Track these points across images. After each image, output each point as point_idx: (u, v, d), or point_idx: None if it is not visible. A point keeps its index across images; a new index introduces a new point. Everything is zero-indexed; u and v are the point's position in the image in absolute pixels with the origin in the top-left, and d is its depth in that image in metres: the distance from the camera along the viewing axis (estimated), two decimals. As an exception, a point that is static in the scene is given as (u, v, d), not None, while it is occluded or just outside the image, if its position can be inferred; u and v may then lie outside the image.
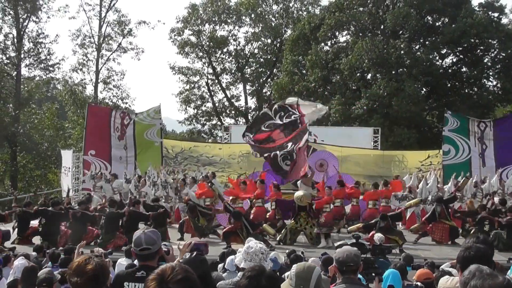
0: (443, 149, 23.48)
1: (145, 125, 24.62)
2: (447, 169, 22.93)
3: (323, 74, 37.78)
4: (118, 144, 24.16)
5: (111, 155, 24.10)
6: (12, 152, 39.10)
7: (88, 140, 24.19)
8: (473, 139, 23.12)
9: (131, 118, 24.71)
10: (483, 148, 23.06)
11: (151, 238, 4.69)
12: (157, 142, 24.70)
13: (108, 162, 23.94)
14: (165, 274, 2.69)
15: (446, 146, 23.40)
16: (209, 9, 47.76)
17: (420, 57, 35.53)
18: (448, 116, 23.88)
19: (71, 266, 3.70)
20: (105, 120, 24.36)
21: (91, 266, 3.61)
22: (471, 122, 23.53)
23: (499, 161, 22.80)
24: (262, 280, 3.43)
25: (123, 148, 24.32)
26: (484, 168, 22.90)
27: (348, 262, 4.64)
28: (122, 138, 24.20)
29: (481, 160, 23.14)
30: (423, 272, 7.33)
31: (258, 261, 4.95)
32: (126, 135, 24.33)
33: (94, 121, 24.55)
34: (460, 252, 4.04)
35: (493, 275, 3.00)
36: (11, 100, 39.87)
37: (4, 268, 9.37)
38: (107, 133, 24.11)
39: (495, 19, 36.97)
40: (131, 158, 24.27)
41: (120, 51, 44.32)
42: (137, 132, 24.43)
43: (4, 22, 39.71)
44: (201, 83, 50.38)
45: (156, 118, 24.98)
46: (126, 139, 24.30)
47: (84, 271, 3.58)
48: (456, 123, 23.36)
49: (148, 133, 24.48)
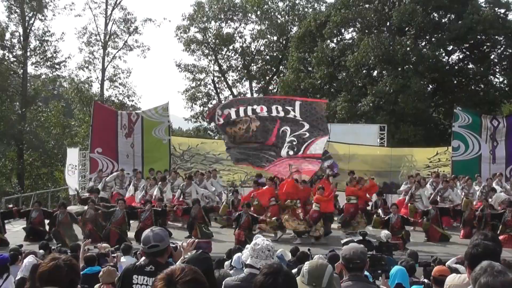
0: (453, 145, 23.28)
1: (153, 122, 24.56)
2: (456, 165, 22.83)
3: (329, 71, 37.74)
4: (125, 142, 24.12)
5: (118, 152, 24.07)
6: (19, 150, 39.26)
7: (95, 138, 24.16)
8: (484, 135, 22.91)
9: (138, 114, 24.69)
10: (494, 145, 22.87)
11: (159, 236, 4.75)
12: (165, 140, 24.65)
13: (115, 160, 23.92)
14: (174, 274, 2.69)
15: (456, 142, 23.21)
16: (215, 6, 47.75)
17: (426, 54, 35.40)
18: (458, 112, 23.67)
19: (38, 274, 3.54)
20: (111, 117, 24.34)
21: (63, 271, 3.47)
22: (484, 119, 23.31)
23: (510, 158, 22.71)
24: (279, 278, 3.41)
25: (130, 146, 24.29)
26: (494, 165, 22.76)
27: (355, 259, 4.64)
28: (130, 135, 24.16)
29: (492, 157, 22.97)
30: (440, 268, 7.31)
31: (265, 258, 4.95)
32: (133, 132, 24.28)
33: (100, 119, 24.52)
34: (468, 249, 4.03)
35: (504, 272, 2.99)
36: (17, 98, 40.06)
37: (11, 267, 9.38)
38: (114, 130, 24.08)
39: (501, 15, 36.79)
40: (138, 157, 24.25)
41: (126, 49, 44.45)
42: (145, 129, 24.38)
43: (11, 20, 39.96)
44: (207, 81, 50.48)
45: (164, 116, 24.95)
46: (134, 137, 24.26)
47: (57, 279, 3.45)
48: (467, 119, 23.14)
49: (156, 131, 24.44)
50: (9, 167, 40.41)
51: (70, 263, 3.53)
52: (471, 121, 23.00)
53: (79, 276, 3.68)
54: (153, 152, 24.19)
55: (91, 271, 8.89)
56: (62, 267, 3.46)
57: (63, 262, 3.50)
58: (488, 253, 3.83)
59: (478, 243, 3.99)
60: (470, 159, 22.95)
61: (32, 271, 7.86)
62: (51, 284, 3.42)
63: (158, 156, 24.07)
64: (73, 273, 3.52)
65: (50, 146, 40.36)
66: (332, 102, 36.62)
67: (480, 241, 4.01)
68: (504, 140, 22.86)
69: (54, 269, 3.46)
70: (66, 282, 3.45)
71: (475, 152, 22.99)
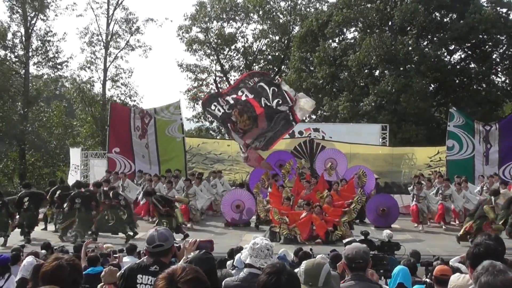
0: (447, 144, 23.29)
1: (165, 121, 24.51)
2: (451, 164, 22.87)
3: (331, 70, 37.70)
4: (139, 143, 24.07)
5: (134, 153, 24.06)
6: (21, 150, 39.25)
7: (112, 138, 24.17)
8: (477, 137, 22.98)
9: (151, 116, 24.65)
10: (488, 148, 22.91)
11: (164, 235, 4.78)
12: (179, 138, 24.56)
13: (132, 160, 23.91)
14: (176, 274, 2.71)
15: (450, 142, 23.24)
16: (217, 6, 47.72)
17: (428, 53, 35.38)
18: (453, 111, 23.79)
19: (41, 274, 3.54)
20: (125, 119, 24.32)
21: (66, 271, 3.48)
22: (476, 124, 23.38)
23: (502, 159, 22.75)
24: (282, 277, 3.41)
25: (145, 147, 24.25)
26: (487, 166, 22.83)
27: (357, 259, 4.65)
28: (144, 136, 24.09)
29: (485, 159, 23.02)
30: (442, 268, 7.32)
31: (264, 257, 4.96)
32: (147, 133, 24.23)
33: (116, 119, 24.43)
34: (470, 248, 4.05)
35: (504, 271, 2.99)
36: (19, 98, 40.04)
37: (13, 267, 9.40)
38: (128, 131, 24.03)
39: (503, 14, 36.77)
40: (154, 157, 24.21)
41: (128, 49, 44.33)
42: (158, 129, 24.33)
43: (12, 21, 39.88)
44: (209, 81, 50.40)
45: (176, 114, 24.98)
46: (148, 138, 24.19)
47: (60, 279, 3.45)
48: (461, 120, 23.24)
49: (169, 130, 24.37)
50: (11, 167, 40.40)
51: (73, 263, 3.54)
52: (464, 122, 23.05)
53: (81, 276, 3.69)
54: (168, 151, 24.19)
55: (93, 271, 8.90)
56: (65, 267, 3.46)
57: (66, 262, 3.50)
58: (490, 253, 3.84)
59: (480, 243, 4.01)
60: (464, 159, 22.98)
61: (34, 271, 7.88)
62: (54, 284, 3.41)
63: (173, 155, 24.08)
64: (76, 273, 3.52)
65: (52, 146, 40.32)
66: (334, 101, 36.64)
67: (482, 240, 4.03)
68: (498, 142, 22.88)
69: (56, 269, 3.46)
70: (69, 282, 3.45)
71: (469, 152, 23.02)
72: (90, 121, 40.46)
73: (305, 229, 16.63)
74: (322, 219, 16.65)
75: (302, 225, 16.66)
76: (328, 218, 16.85)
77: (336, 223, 16.67)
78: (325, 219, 16.75)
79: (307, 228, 16.67)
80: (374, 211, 19.41)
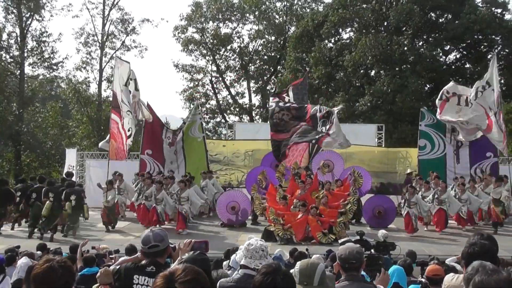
0: (419, 143, 23.27)
1: (189, 124, 24.52)
2: (423, 164, 22.88)
3: (327, 71, 37.75)
4: (169, 150, 23.87)
5: (164, 158, 23.91)
6: (16, 151, 39.20)
7: (146, 140, 23.99)
8: (449, 135, 22.99)
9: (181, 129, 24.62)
10: (459, 146, 22.93)
11: (159, 236, 4.77)
12: (200, 137, 24.40)
13: (162, 164, 23.77)
14: (175, 273, 2.71)
15: (422, 141, 23.21)
16: (213, 6, 47.78)
17: (423, 54, 35.47)
18: (424, 111, 23.91)
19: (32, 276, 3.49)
20: (158, 126, 24.06)
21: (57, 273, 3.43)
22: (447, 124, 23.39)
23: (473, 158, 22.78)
24: (278, 278, 3.41)
25: (174, 153, 24.09)
26: (458, 165, 22.83)
27: (351, 259, 4.64)
28: (173, 144, 23.95)
29: (456, 157, 23.02)
30: (433, 268, 7.33)
31: (259, 258, 4.96)
32: (176, 141, 24.05)
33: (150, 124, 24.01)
34: (464, 248, 4.04)
35: (497, 270, 3.00)
36: (15, 99, 39.98)
37: (8, 268, 9.36)
38: (160, 137, 23.86)
39: (498, 15, 36.91)
40: (181, 161, 24.10)
41: (123, 49, 44.41)
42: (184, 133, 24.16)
43: (7, 21, 39.91)
44: (205, 81, 50.50)
45: (196, 114, 25.13)
46: (176, 145, 24.01)
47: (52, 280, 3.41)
48: (432, 119, 23.23)
49: (191, 131, 24.29)
50: (7, 168, 40.33)
51: (65, 265, 3.48)
52: (435, 121, 23.02)
53: (73, 278, 3.65)
54: (192, 154, 24.01)
55: (89, 272, 8.87)
56: (56, 269, 3.42)
57: (58, 264, 3.46)
58: (485, 252, 3.85)
59: (474, 242, 4.01)
60: (435, 158, 22.98)
61: (28, 272, 7.86)
62: (46, 286, 3.39)
63: (197, 157, 23.92)
64: (68, 275, 3.47)
65: (48, 147, 40.29)
66: (330, 102, 36.63)
67: (476, 240, 4.03)
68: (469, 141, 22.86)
69: (48, 271, 3.41)
70: (61, 284, 3.41)
71: (441, 151, 23.02)
72: (86, 121, 40.42)
73: (300, 230, 16.63)
74: (318, 221, 16.64)
75: (298, 225, 16.66)
76: (324, 219, 16.83)
77: (332, 223, 16.66)
78: (320, 220, 16.74)
79: (302, 229, 16.66)
80: (371, 212, 19.42)
